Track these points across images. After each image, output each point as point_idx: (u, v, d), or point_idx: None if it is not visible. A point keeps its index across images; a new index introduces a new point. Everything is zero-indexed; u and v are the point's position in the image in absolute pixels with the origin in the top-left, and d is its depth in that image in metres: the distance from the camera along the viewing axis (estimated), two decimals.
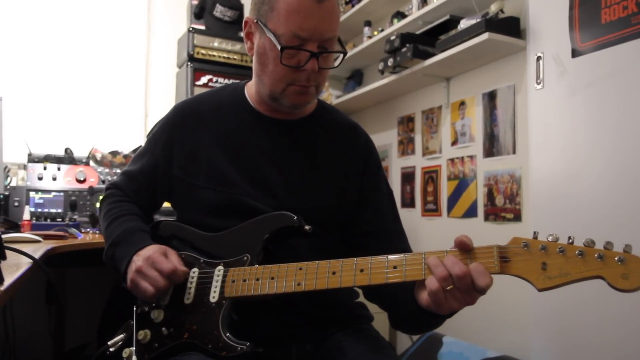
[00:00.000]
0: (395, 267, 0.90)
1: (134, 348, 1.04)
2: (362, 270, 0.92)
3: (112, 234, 1.14)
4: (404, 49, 2.58)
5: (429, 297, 0.87)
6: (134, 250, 1.07)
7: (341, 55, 1.11)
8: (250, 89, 1.22)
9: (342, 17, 3.33)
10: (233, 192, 1.12)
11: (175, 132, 1.21)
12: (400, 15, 2.89)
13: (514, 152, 2.29)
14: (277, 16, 1.03)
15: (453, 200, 2.63)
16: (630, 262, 0.76)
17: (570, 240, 0.80)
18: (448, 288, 0.84)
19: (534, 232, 0.84)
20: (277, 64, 1.05)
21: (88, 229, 2.27)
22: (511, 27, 2.21)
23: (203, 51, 3.06)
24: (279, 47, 1.03)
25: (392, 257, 0.91)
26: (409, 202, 2.98)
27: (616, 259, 0.76)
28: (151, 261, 1.03)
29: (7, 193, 2.28)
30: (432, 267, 0.86)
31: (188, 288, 1.06)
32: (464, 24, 2.34)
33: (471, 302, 0.86)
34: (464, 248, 0.86)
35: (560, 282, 0.79)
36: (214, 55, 3.08)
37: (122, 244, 1.11)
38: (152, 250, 1.05)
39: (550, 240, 0.82)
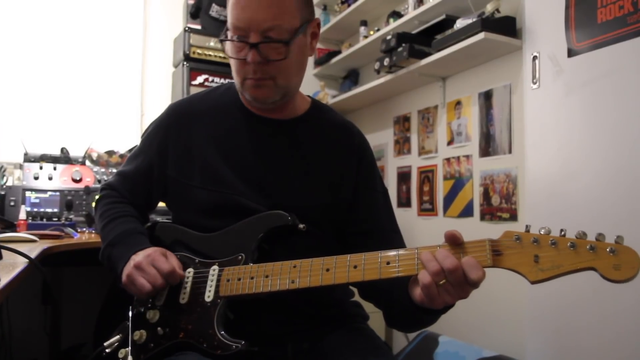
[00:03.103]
0: (388, 263, 0.90)
1: (130, 348, 1.04)
2: (355, 267, 0.92)
3: (109, 235, 1.14)
4: (400, 49, 2.58)
5: (422, 292, 0.87)
6: (133, 251, 1.07)
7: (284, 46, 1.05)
8: None
9: (338, 17, 3.34)
10: (227, 192, 1.12)
11: (169, 132, 1.20)
12: (396, 14, 2.89)
13: (510, 152, 2.29)
14: (228, 12, 1.09)
15: (449, 199, 2.64)
16: (622, 253, 0.76)
17: (562, 233, 0.81)
18: (441, 282, 0.84)
19: (526, 226, 0.84)
20: (232, 59, 1.10)
21: (84, 229, 2.27)
22: (507, 26, 2.22)
23: (199, 51, 3.05)
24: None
25: (385, 253, 0.92)
26: (405, 202, 2.99)
27: (608, 250, 0.77)
28: (151, 259, 1.03)
29: (3, 192, 2.28)
30: (424, 261, 0.86)
31: (183, 288, 1.06)
32: (460, 23, 2.35)
33: (464, 296, 0.87)
34: (454, 241, 0.86)
35: (553, 274, 0.79)
36: (210, 55, 3.08)
37: (120, 244, 1.11)
38: (151, 250, 1.06)
39: (542, 233, 0.82)
